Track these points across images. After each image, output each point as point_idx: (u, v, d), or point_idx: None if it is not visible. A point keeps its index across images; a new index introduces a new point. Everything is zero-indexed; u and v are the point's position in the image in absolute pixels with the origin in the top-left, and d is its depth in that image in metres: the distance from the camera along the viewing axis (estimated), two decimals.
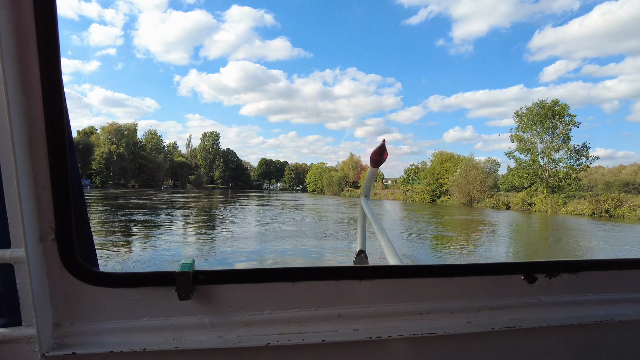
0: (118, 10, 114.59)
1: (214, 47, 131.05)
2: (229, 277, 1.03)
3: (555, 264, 1.17)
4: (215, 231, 17.94)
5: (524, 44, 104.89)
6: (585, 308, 1.18)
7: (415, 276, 1.10)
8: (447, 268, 1.13)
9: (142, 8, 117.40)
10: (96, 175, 74.06)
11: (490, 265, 1.16)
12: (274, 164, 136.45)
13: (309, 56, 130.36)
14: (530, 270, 1.15)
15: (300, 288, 1.05)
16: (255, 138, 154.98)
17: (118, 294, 0.99)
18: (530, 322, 1.13)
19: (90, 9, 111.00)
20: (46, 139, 0.88)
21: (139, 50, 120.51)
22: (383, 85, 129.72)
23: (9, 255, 0.88)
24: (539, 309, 1.16)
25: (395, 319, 1.08)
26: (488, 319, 1.12)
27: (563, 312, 1.16)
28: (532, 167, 49.07)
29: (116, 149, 78.11)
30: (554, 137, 47.62)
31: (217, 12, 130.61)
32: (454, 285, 1.11)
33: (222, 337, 1.01)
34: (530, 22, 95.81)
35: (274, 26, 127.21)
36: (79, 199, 0.97)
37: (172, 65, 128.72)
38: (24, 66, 0.84)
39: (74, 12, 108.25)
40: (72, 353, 0.95)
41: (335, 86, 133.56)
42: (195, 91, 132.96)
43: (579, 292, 1.19)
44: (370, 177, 2.29)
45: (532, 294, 1.16)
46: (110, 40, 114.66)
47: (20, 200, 0.85)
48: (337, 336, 1.04)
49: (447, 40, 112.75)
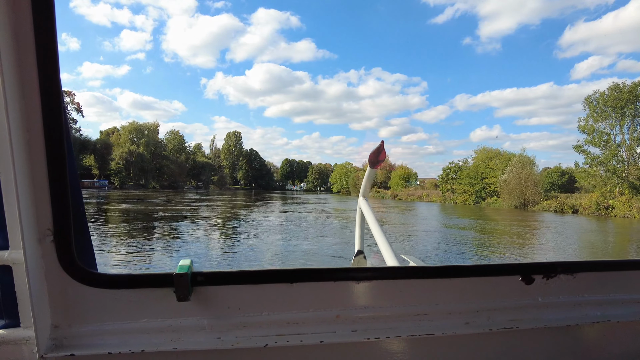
0: (148, 16, 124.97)
1: (240, 50, 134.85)
2: (227, 278, 1.03)
3: (552, 265, 1.17)
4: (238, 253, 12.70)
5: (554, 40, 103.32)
6: (583, 309, 1.19)
7: (413, 277, 1.10)
8: (445, 269, 1.13)
9: (171, 13, 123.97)
10: (115, 175, 72.21)
11: (488, 266, 1.16)
12: (297, 165, 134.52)
13: (334, 57, 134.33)
14: (527, 271, 1.15)
15: (298, 289, 1.05)
16: (279, 139, 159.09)
17: (116, 296, 0.99)
18: (528, 323, 1.13)
19: (122, 15, 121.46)
20: (44, 142, 0.88)
21: (167, 55, 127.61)
22: (408, 84, 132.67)
23: (7, 256, 0.88)
24: (537, 310, 1.16)
25: (394, 320, 1.08)
26: (486, 319, 1.12)
27: (560, 313, 1.17)
28: (611, 164, 40.87)
29: (136, 149, 76.07)
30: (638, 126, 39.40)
31: (243, 15, 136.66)
32: (451, 287, 1.12)
33: (220, 338, 1.01)
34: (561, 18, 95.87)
35: (300, 28, 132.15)
36: (78, 201, 0.97)
37: (199, 68, 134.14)
38: (22, 70, 0.84)
39: (107, 19, 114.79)
40: (70, 354, 0.95)
41: (359, 86, 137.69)
42: (221, 94, 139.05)
43: (576, 293, 1.19)
44: (368, 177, 2.35)
45: (530, 295, 1.16)
46: (140, 45, 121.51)
47: (19, 202, 0.86)
48: (335, 337, 1.04)
49: (474, 38, 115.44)
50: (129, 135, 76.65)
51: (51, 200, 0.91)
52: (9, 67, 0.81)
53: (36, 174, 0.89)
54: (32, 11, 0.81)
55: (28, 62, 0.83)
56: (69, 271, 0.95)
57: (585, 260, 1.28)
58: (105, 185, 65.90)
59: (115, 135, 76.74)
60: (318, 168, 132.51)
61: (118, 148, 73.98)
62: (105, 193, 51.02)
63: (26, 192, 0.88)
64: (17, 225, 0.86)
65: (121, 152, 73.38)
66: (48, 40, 0.83)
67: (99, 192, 52.08)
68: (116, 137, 76.14)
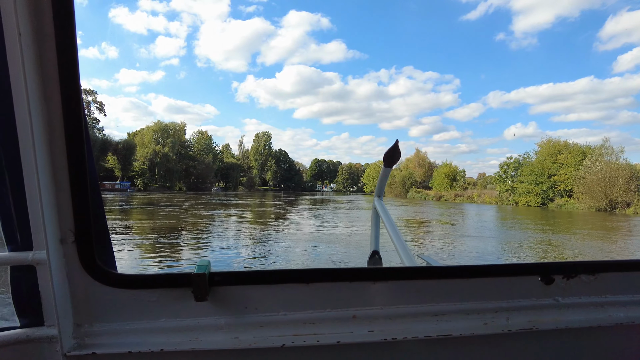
0: (182, 22, 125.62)
1: (271, 53, 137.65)
2: (244, 278, 1.04)
3: (573, 265, 1.15)
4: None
5: (594, 32, 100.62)
6: (606, 310, 1.15)
7: (430, 277, 1.10)
8: (462, 269, 1.12)
9: (204, 19, 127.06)
10: (139, 177, 69.71)
11: (506, 266, 1.14)
12: (326, 165, 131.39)
13: (364, 57, 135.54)
14: (547, 271, 1.13)
15: (314, 289, 1.05)
16: (308, 140, 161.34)
17: (135, 296, 1.01)
18: (548, 324, 1.11)
19: (158, 22, 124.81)
20: (65, 144, 0.90)
21: (200, 60, 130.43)
22: (440, 82, 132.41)
23: (31, 257, 0.91)
24: (557, 311, 1.14)
25: (410, 320, 1.08)
26: (504, 320, 1.10)
27: (582, 314, 1.14)
28: None
29: (161, 149, 73.43)
30: None
31: (275, 18, 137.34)
32: (469, 287, 1.11)
33: (237, 338, 1.01)
34: (602, 9, 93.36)
35: (330, 29, 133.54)
36: (98, 202, 1.00)
37: (230, 72, 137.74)
38: (44, 74, 0.86)
39: (143, 27, 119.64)
40: (92, 353, 0.96)
41: (390, 85, 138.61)
42: (252, 97, 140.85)
43: (598, 294, 1.17)
44: (383, 177, 2.31)
45: (549, 295, 1.14)
46: (174, 51, 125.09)
47: (42, 204, 0.88)
48: (352, 337, 1.04)
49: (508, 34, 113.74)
50: (154, 135, 74.22)
51: (72, 202, 0.93)
52: (31, 71, 0.83)
53: (58, 176, 0.91)
54: (53, 17, 0.83)
55: (49, 67, 0.85)
56: (89, 271, 0.97)
57: (608, 260, 1.21)
58: (128, 188, 63.24)
59: (140, 136, 74.48)
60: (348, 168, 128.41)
61: (142, 149, 71.54)
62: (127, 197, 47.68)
63: (49, 195, 0.90)
64: (41, 227, 0.89)
65: (145, 152, 70.88)
66: (68, 44, 0.85)
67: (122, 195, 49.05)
68: (140, 138, 73.81)
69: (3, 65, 0.81)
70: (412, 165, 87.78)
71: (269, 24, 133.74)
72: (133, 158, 68.02)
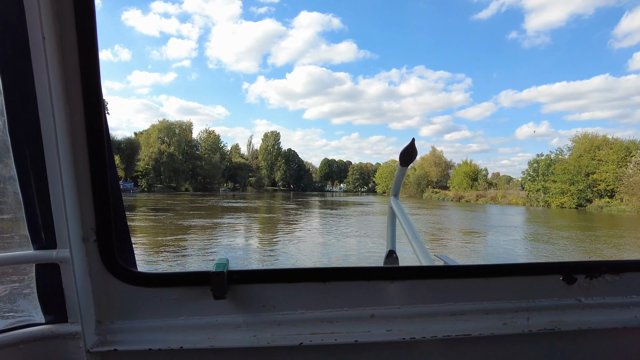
0: (194, 24, 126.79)
1: (282, 54, 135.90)
2: (262, 276, 1.05)
3: (596, 265, 1.12)
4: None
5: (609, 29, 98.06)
6: (631, 311, 1.12)
7: (449, 277, 1.09)
8: (481, 268, 1.10)
9: (216, 20, 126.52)
10: (142, 177, 67.12)
11: (526, 265, 1.12)
12: (336, 164, 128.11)
13: (375, 57, 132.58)
14: (569, 270, 1.11)
15: (332, 288, 1.05)
16: (318, 140, 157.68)
17: (155, 294, 1.02)
18: (570, 325, 1.08)
19: (170, 24, 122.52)
20: (87, 146, 0.92)
21: (211, 61, 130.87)
22: (452, 81, 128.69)
23: (55, 255, 0.94)
24: (580, 311, 1.11)
25: (429, 320, 1.07)
26: (525, 320, 1.08)
27: (606, 315, 1.11)
28: None
29: (167, 149, 70.81)
30: None
31: (286, 19, 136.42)
32: (488, 286, 1.09)
33: (255, 336, 1.02)
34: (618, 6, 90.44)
35: (341, 30, 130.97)
36: (118, 202, 1.02)
37: (241, 73, 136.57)
38: (67, 76, 0.88)
39: (156, 29, 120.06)
40: (114, 350, 0.98)
41: (400, 85, 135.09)
42: (262, 98, 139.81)
43: (623, 294, 1.13)
44: (399, 176, 2.33)
45: (572, 295, 1.11)
46: (186, 52, 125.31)
47: (65, 204, 0.90)
48: (370, 337, 1.03)
49: (520, 32, 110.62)
50: (159, 134, 71.68)
51: (94, 202, 0.95)
52: (55, 75, 0.85)
53: (80, 177, 0.93)
54: (75, 19, 0.85)
55: (72, 70, 0.87)
56: (111, 269, 0.99)
57: (633, 259, 1.17)
58: (130, 188, 60.61)
59: (145, 135, 71.98)
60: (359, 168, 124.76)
61: (147, 148, 68.98)
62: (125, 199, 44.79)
63: (71, 195, 0.92)
64: (64, 226, 0.92)
65: (150, 152, 68.32)
66: (90, 47, 0.87)
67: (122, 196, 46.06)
68: (145, 137, 71.27)
69: (28, 68, 0.84)
70: (427, 164, 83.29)
71: (280, 25, 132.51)
72: (137, 158, 65.36)
